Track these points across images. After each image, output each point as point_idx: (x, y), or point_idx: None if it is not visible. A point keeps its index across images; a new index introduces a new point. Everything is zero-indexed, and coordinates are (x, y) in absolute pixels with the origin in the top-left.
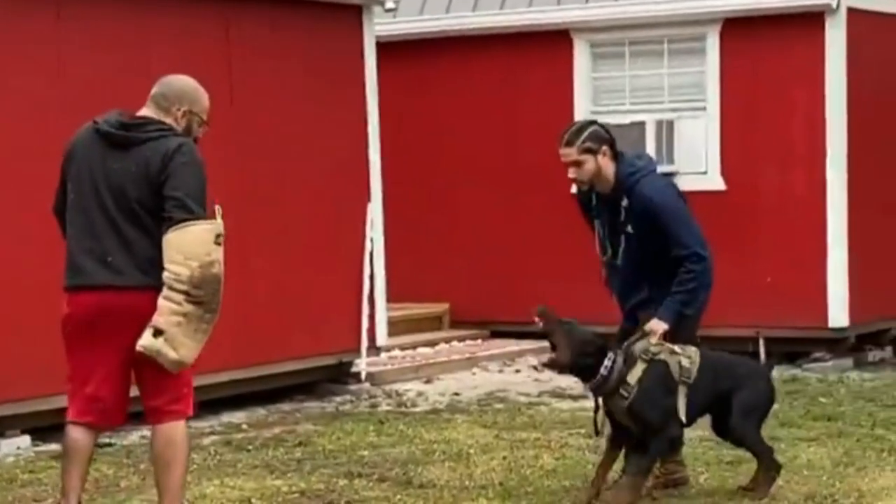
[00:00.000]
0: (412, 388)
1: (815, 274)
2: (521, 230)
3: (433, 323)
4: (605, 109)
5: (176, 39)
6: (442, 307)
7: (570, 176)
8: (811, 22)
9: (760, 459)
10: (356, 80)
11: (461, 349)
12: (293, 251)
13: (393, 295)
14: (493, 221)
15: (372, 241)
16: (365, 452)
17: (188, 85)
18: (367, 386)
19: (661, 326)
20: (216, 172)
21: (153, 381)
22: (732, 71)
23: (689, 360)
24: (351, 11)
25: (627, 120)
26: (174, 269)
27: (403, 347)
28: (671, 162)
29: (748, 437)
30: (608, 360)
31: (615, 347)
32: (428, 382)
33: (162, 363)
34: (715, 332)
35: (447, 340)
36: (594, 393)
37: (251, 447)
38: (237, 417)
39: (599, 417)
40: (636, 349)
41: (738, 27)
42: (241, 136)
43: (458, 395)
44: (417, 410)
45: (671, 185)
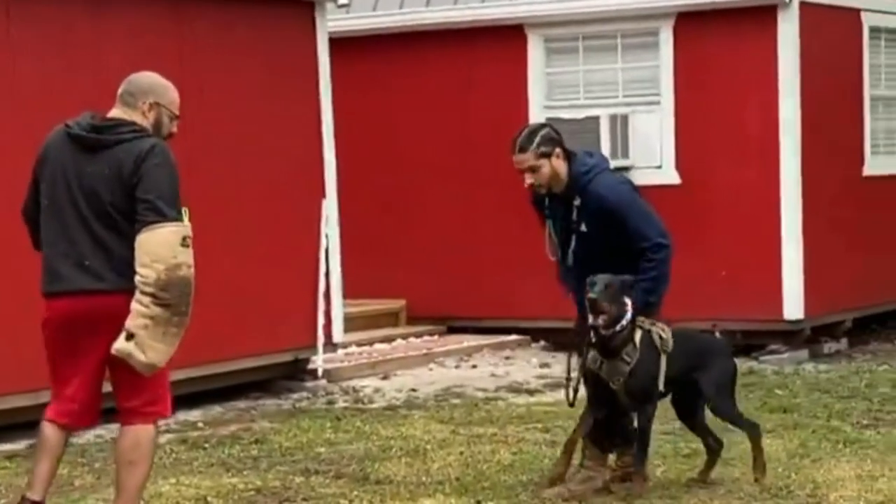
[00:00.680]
0: (369, 384)
1: (770, 267)
2: (476, 226)
3: (390, 319)
4: (559, 104)
5: (128, 38)
6: (398, 303)
7: (527, 182)
8: (764, 15)
9: (744, 430)
10: (310, 76)
11: (418, 345)
12: (248, 249)
13: (349, 291)
14: (448, 217)
15: (327, 237)
16: (321, 449)
17: (153, 79)
18: (323, 383)
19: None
20: None
21: (129, 382)
22: (686, 65)
23: (664, 332)
24: (303, 8)
25: (582, 115)
26: (141, 271)
27: (360, 344)
28: (626, 156)
29: (727, 411)
30: (626, 317)
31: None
32: (385, 378)
33: (133, 366)
34: (672, 325)
35: (404, 336)
36: (605, 342)
37: (207, 445)
38: (193, 416)
39: (573, 386)
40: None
41: (691, 21)
42: (194, 134)
43: (414, 390)
44: (374, 407)
45: (624, 180)
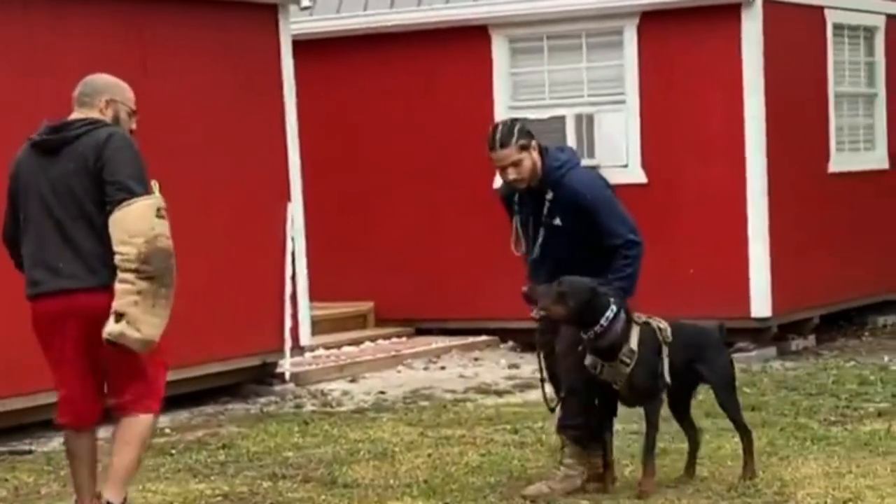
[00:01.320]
0: (337, 387)
1: (737, 265)
2: (443, 227)
3: (357, 321)
4: (524, 104)
5: (88, 41)
6: (366, 305)
7: (509, 178)
8: (728, 14)
9: (741, 431)
10: (273, 79)
11: (386, 347)
12: (214, 253)
13: (316, 294)
14: (415, 218)
15: (293, 240)
16: (289, 453)
17: (107, 79)
18: (291, 386)
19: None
20: None
21: (122, 379)
22: (651, 64)
23: (662, 323)
24: (266, 11)
25: (547, 115)
26: (121, 249)
27: (328, 347)
28: (592, 156)
29: (734, 408)
30: (610, 311)
31: (620, 306)
32: (353, 381)
33: (129, 346)
34: None
35: (372, 339)
36: (593, 344)
37: (174, 451)
38: (160, 421)
39: (549, 390)
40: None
41: (655, 20)
42: (157, 137)
43: (383, 393)
44: (342, 410)
45: (598, 176)
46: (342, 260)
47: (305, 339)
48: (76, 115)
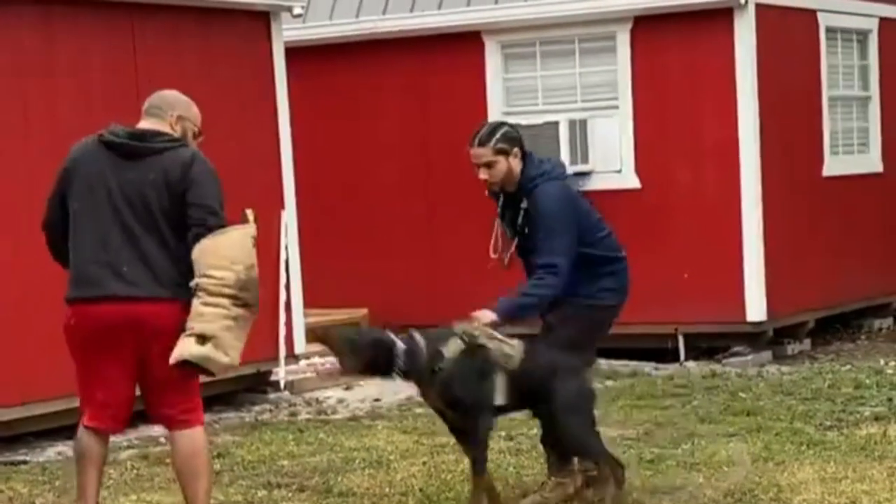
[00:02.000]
0: (332, 395)
1: (732, 269)
2: (436, 233)
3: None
4: (517, 110)
5: (77, 47)
6: (360, 312)
7: (481, 177)
8: (720, 18)
9: (595, 460)
10: (266, 86)
11: None
12: None
13: (310, 301)
14: (408, 225)
15: (287, 248)
16: (284, 462)
17: (178, 95)
18: (286, 394)
19: (486, 316)
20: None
21: (171, 392)
22: (644, 69)
23: (511, 348)
24: (258, 18)
25: (541, 120)
26: (219, 274)
27: (323, 354)
28: (585, 161)
29: (573, 436)
30: (400, 351)
31: (406, 337)
32: (348, 389)
33: (210, 368)
34: (634, 329)
35: None
36: (406, 379)
37: (169, 461)
38: (155, 430)
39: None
40: (456, 328)
41: (648, 25)
42: None
43: (378, 401)
44: (338, 418)
45: (566, 196)
46: (336, 267)
47: (300, 346)
48: (146, 124)
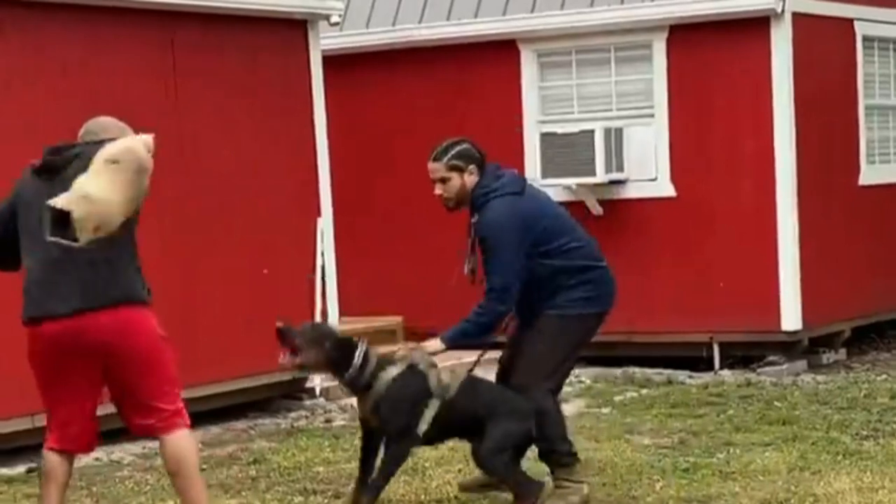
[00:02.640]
0: None
1: (767, 278)
2: None
3: (387, 336)
4: (553, 118)
5: (118, 58)
6: (395, 320)
7: (435, 192)
8: (757, 27)
9: (510, 487)
10: (303, 94)
11: None
12: (244, 267)
13: (345, 309)
14: (443, 232)
15: (323, 255)
16: (320, 468)
17: (114, 121)
18: (321, 401)
19: (433, 345)
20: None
21: (136, 403)
22: (680, 77)
23: (449, 376)
24: (296, 26)
25: (576, 128)
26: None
27: None
28: (621, 170)
29: (496, 467)
30: (359, 350)
31: (364, 342)
32: None
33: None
34: (669, 338)
35: None
36: (350, 386)
37: (205, 466)
38: None
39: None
40: (397, 354)
41: (684, 34)
42: (187, 153)
43: None
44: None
45: (512, 212)
46: (372, 274)
47: None
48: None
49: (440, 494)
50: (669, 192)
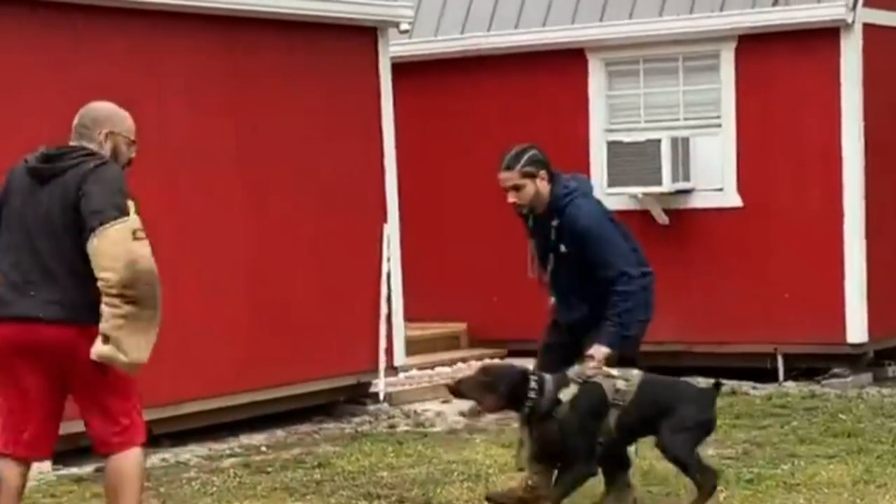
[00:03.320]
0: (430, 408)
1: (832, 289)
2: None
3: (451, 342)
4: (620, 127)
5: (188, 64)
6: (459, 326)
7: (510, 200)
8: (826, 38)
9: (690, 475)
10: (372, 100)
11: None
12: (310, 272)
13: (410, 315)
14: (508, 239)
15: (389, 261)
16: (384, 473)
17: (107, 108)
18: (385, 406)
19: (600, 352)
20: (231, 192)
21: (97, 412)
22: (748, 87)
23: (626, 382)
24: (366, 33)
25: (643, 138)
26: (103, 275)
27: (421, 367)
28: (687, 179)
29: (678, 451)
30: (533, 382)
31: (535, 371)
32: (446, 402)
33: (120, 368)
34: (733, 348)
35: (465, 360)
36: (530, 417)
37: (270, 469)
38: (256, 440)
39: (524, 454)
40: (570, 372)
41: (752, 44)
42: (255, 159)
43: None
44: (436, 430)
45: (600, 209)
46: (437, 280)
47: (400, 359)
48: (73, 142)
49: None
50: (736, 202)
